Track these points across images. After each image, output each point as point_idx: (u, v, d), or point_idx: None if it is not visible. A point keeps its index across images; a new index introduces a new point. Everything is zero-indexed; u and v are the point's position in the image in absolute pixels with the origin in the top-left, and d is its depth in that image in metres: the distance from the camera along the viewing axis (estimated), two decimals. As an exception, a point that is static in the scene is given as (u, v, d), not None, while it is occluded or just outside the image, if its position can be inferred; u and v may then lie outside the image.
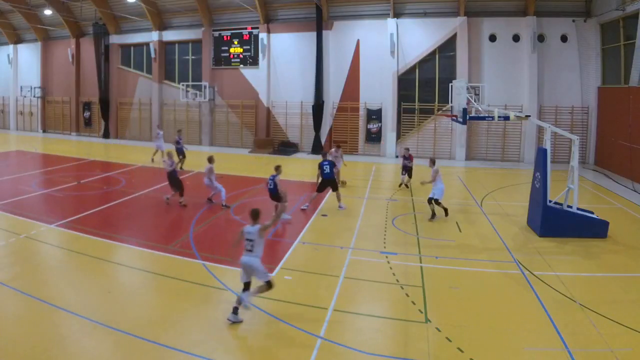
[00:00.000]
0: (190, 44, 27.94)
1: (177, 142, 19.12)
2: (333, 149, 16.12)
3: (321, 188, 13.00)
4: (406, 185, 15.96)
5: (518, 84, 21.78)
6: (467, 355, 5.83)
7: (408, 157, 15.78)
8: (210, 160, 13.18)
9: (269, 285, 6.71)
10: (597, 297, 7.57)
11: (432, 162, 12.40)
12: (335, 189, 13.06)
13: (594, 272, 8.81)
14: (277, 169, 11.69)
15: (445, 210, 12.21)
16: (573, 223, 10.63)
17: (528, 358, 5.85)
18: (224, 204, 13.08)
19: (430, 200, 11.98)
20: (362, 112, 24.13)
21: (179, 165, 17.88)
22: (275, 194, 11.54)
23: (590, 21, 20.57)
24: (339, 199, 13.03)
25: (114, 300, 7.23)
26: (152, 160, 20.59)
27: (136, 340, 6.05)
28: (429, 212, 12.06)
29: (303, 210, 12.81)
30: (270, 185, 11.50)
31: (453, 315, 6.96)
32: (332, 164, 13.14)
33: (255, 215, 6.75)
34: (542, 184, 10.74)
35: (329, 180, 12.88)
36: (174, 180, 13.25)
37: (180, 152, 18.76)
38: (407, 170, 15.77)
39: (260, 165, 19.95)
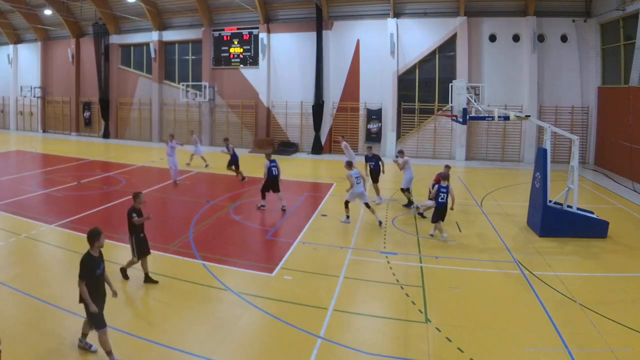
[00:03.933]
0: (190, 44, 27.94)
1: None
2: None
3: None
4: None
5: (518, 84, 21.78)
6: (467, 355, 5.83)
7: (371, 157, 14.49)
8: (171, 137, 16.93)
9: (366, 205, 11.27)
10: (597, 297, 7.57)
11: (402, 153, 13.82)
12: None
13: (594, 272, 8.81)
14: (269, 155, 13.12)
15: (409, 201, 13.23)
16: (573, 223, 10.63)
17: (528, 358, 5.85)
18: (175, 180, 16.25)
19: (402, 190, 13.40)
20: (362, 112, 24.13)
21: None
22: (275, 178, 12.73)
23: (590, 21, 20.56)
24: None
25: (114, 300, 7.21)
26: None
27: (136, 340, 6.05)
28: (430, 212, 12.04)
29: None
30: (275, 172, 12.67)
31: (453, 315, 6.96)
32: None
33: None
34: (542, 184, 10.74)
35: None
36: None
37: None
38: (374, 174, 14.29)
39: (260, 166, 19.93)
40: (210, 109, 27.28)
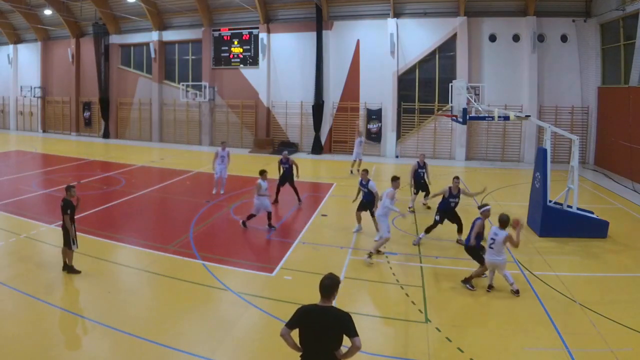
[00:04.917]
0: (190, 44, 27.93)
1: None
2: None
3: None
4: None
5: (518, 84, 21.78)
6: (467, 355, 5.83)
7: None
8: None
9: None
10: (597, 297, 7.57)
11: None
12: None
13: (594, 272, 8.81)
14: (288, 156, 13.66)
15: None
16: (573, 223, 10.64)
17: (528, 358, 5.85)
18: None
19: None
20: (362, 112, 24.12)
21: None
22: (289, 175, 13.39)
23: (590, 21, 20.56)
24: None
25: (114, 300, 7.23)
26: (352, 172, 18.44)
27: (136, 340, 6.05)
28: (429, 212, 12.02)
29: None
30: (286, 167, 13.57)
31: (453, 315, 6.96)
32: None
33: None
34: (542, 184, 10.74)
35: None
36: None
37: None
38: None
39: (260, 165, 19.90)
40: (210, 109, 27.27)
